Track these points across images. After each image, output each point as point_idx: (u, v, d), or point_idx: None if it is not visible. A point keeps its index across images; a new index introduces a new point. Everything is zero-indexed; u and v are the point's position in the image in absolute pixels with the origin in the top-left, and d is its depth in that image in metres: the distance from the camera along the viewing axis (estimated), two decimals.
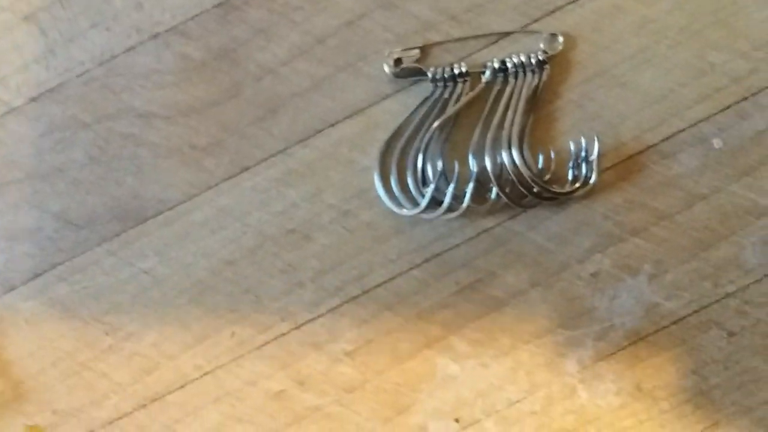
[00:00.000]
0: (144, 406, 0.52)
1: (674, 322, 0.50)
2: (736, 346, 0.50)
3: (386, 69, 0.50)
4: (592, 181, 0.48)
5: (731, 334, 0.50)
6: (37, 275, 0.51)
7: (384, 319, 0.51)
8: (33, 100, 0.51)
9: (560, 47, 0.50)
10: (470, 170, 0.49)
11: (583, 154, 0.48)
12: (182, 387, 0.52)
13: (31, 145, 0.51)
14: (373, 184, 0.50)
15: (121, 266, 0.51)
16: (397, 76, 0.50)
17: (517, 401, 0.51)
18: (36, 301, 0.51)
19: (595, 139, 0.48)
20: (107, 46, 0.51)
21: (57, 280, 0.52)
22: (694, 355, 0.50)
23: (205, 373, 0.52)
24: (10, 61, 0.51)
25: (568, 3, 0.51)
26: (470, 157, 0.49)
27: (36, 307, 0.51)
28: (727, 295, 0.50)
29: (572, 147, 0.49)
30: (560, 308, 0.50)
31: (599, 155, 0.48)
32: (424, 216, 0.49)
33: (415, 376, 0.51)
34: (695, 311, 0.50)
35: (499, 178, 0.49)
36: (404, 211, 0.50)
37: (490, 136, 0.49)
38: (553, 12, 0.50)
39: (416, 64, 0.50)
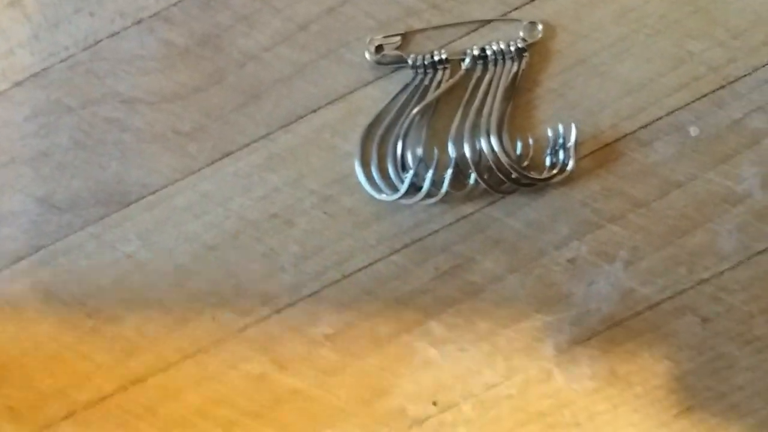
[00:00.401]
0: (125, 388, 0.53)
1: (649, 308, 0.51)
2: (711, 332, 0.51)
3: (368, 56, 0.51)
4: (569, 167, 0.49)
5: (705, 320, 0.51)
6: (20, 258, 0.52)
7: (364, 303, 0.52)
8: (17, 84, 0.52)
9: (540, 35, 0.50)
10: (449, 156, 0.49)
11: (560, 141, 0.49)
12: (164, 370, 0.52)
13: (15, 130, 0.52)
14: (354, 169, 0.51)
15: (104, 250, 0.52)
16: (378, 63, 0.51)
17: (494, 385, 0.52)
18: (19, 284, 0.52)
19: (573, 126, 0.49)
20: (91, 30, 0.52)
21: (40, 263, 0.52)
22: (669, 341, 0.51)
23: (187, 357, 0.52)
24: None
25: None
26: (449, 144, 0.50)
27: (19, 291, 0.52)
28: (702, 282, 0.51)
29: (550, 134, 0.50)
30: (538, 294, 0.51)
31: (577, 142, 0.49)
32: (404, 201, 0.50)
33: (394, 360, 0.52)
34: (670, 297, 0.51)
35: (478, 165, 0.49)
36: (384, 197, 0.50)
37: (469, 122, 0.50)
38: (533, 0, 0.51)
39: (397, 51, 0.51)
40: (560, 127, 0.49)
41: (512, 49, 0.50)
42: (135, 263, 0.52)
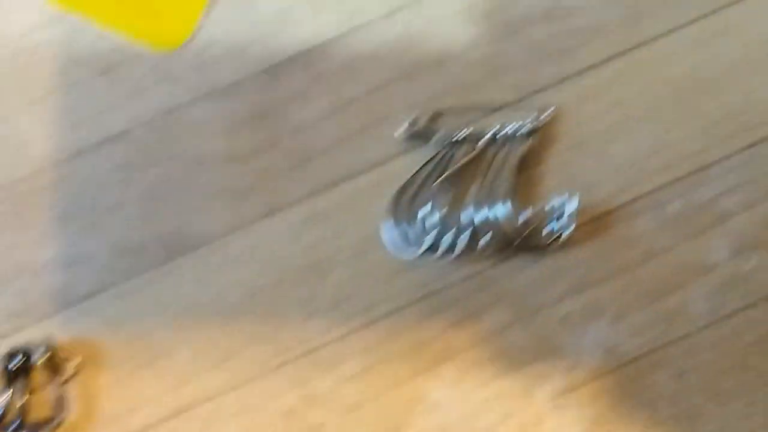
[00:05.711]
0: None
1: (630, 362, 0.65)
2: (684, 385, 0.65)
3: (399, 132, 0.68)
4: (566, 234, 0.65)
5: (680, 374, 0.65)
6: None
7: (384, 347, 0.67)
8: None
9: (547, 119, 0.67)
10: (464, 222, 0.66)
11: (560, 210, 0.65)
12: (211, 399, 0.68)
13: None
14: (382, 230, 0.67)
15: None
16: (408, 138, 0.68)
17: (492, 429, 0.66)
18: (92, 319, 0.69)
19: (575, 196, 0.64)
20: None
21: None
22: (648, 391, 0.65)
23: (232, 389, 0.68)
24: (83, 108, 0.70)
25: (555, 83, 0.68)
26: (465, 211, 0.66)
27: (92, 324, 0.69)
28: (677, 339, 0.65)
29: (551, 204, 0.65)
30: (535, 345, 0.66)
31: (576, 211, 0.65)
32: (427, 258, 0.65)
33: (408, 400, 0.67)
34: (649, 352, 0.65)
35: (488, 230, 0.65)
36: (408, 255, 0.66)
37: (483, 193, 0.65)
38: (542, 91, 0.68)
39: (425, 129, 0.68)
40: (561, 198, 0.65)
41: (523, 130, 0.66)
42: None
